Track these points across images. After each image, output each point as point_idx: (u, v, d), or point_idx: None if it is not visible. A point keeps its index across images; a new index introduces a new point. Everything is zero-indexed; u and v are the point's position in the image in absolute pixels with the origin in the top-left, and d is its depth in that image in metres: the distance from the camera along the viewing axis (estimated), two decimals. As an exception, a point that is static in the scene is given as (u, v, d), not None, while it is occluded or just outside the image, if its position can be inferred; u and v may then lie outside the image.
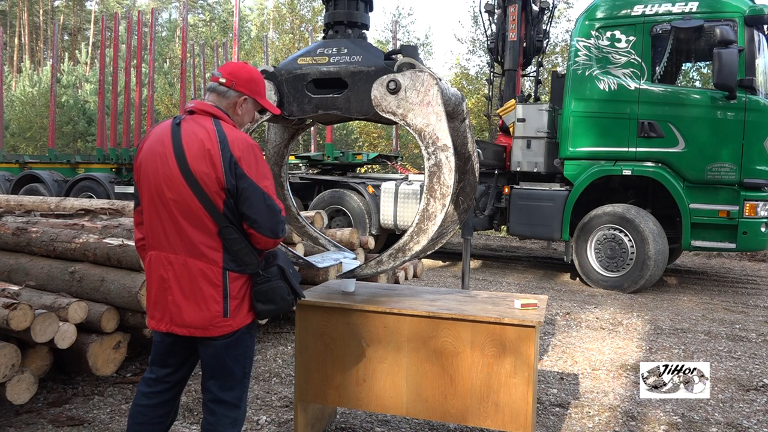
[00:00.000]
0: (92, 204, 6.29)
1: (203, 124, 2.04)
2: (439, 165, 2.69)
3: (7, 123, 21.43)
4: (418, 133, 2.71)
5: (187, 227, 2.01)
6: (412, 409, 2.73)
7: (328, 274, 4.88)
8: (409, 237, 2.78)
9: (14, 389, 2.94)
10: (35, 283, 3.72)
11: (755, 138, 6.67)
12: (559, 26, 23.09)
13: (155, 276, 2.09)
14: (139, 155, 2.14)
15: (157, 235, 2.08)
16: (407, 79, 2.71)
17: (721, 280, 8.53)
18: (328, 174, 9.93)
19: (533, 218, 7.79)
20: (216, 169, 1.96)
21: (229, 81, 2.13)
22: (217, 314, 2.03)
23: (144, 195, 2.10)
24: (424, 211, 2.74)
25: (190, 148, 1.99)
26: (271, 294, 2.09)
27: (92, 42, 34.95)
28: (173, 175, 2.00)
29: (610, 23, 7.31)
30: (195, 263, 2.02)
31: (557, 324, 5.57)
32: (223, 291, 2.03)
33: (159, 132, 2.11)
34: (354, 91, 2.82)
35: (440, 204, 2.70)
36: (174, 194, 2.01)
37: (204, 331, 2.05)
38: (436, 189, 2.70)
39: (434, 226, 2.72)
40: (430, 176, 2.70)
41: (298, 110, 2.94)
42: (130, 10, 26.58)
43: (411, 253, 2.79)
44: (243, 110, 2.19)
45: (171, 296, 2.05)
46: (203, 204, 1.99)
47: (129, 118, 12.63)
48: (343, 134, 18.85)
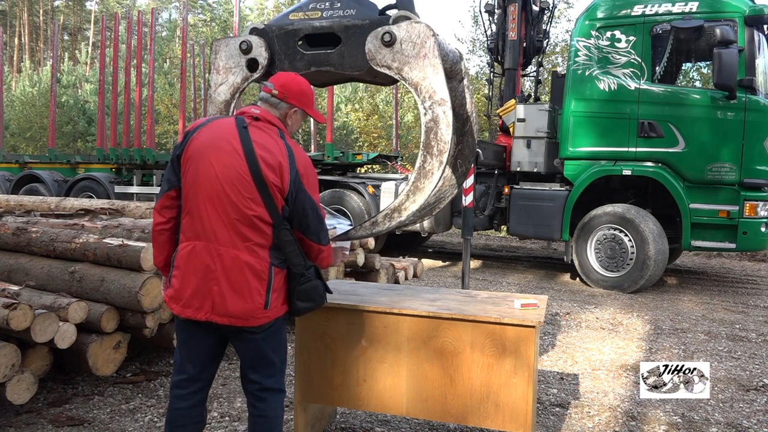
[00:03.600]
0: (92, 204, 6.29)
1: (272, 136, 2.18)
2: (436, 120, 2.59)
3: (7, 123, 21.42)
4: (414, 87, 2.62)
5: (245, 225, 2.13)
6: (412, 409, 2.73)
7: (328, 274, 4.88)
8: (405, 196, 2.68)
9: (14, 389, 2.94)
10: (35, 283, 3.72)
11: (755, 138, 6.67)
12: (559, 26, 23.12)
13: (200, 266, 2.15)
14: (192, 144, 2.18)
15: (207, 227, 2.15)
16: (403, 31, 2.63)
17: (721, 280, 8.53)
18: (328, 174, 9.92)
19: (533, 218, 7.79)
20: (283, 180, 2.13)
21: (281, 93, 2.24)
22: (259, 305, 2.15)
23: (198, 185, 2.15)
24: (420, 169, 2.64)
25: (264, 157, 2.11)
26: (312, 293, 2.26)
27: (92, 42, 34.94)
28: (242, 178, 2.11)
29: (610, 23, 7.30)
30: (246, 257, 2.13)
31: (557, 324, 5.57)
32: (267, 284, 2.16)
33: (222, 129, 2.18)
34: (348, 45, 2.73)
35: (437, 161, 2.60)
36: (238, 194, 2.11)
37: (244, 321, 2.16)
38: (433, 145, 2.60)
39: (431, 185, 2.62)
40: (427, 132, 2.61)
41: (290, 68, 2.85)
42: (130, 10, 26.57)
43: (407, 213, 2.70)
44: (293, 120, 2.31)
45: (217, 287, 2.13)
46: (267, 207, 2.13)
47: (129, 118, 12.62)
48: (343, 134, 18.86)
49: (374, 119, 19.17)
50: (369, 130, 18.66)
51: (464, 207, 5.84)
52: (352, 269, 5.39)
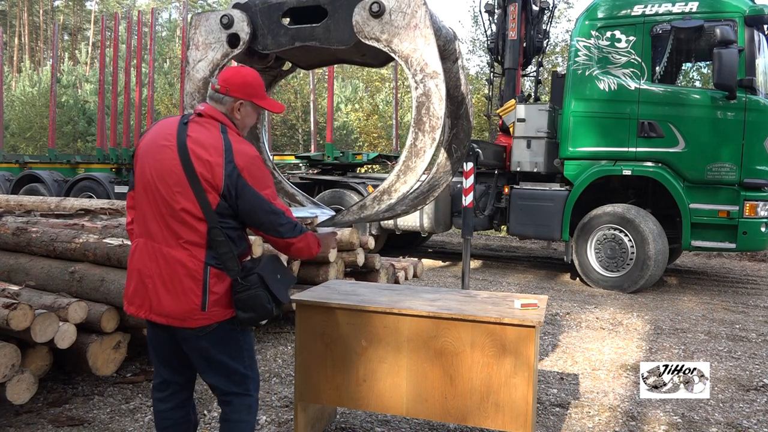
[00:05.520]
0: (92, 204, 6.29)
1: (211, 130, 2.10)
2: (428, 94, 2.45)
3: (7, 123, 21.43)
4: (404, 60, 2.49)
5: (175, 221, 2.07)
6: (412, 409, 2.73)
7: (328, 274, 4.87)
8: (395, 176, 2.55)
9: (14, 389, 2.94)
10: (35, 283, 3.72)
11: (755, 138, 6.67)
12: (559, 26, 23.12)
13: (139, 263, 2.13)
14: (141, 144, 2.20)
15: (146, 224, 2.13)
16: (392, 0, 2.49)
17: (721, 280, 8.53)
18: (328, 174, 9.93)
19: (533, 218, 7.79)
20: (215, 175, 2.03)
21: (223, 87, 2.17)
22: (195, 307, 2.06)
23: (139, 184, 2.16)
24: (412, 147, 2.51)
25: (195, 150, 2.04)
26: (250, 302, 2.10)
27: (92, 42, 34.93)
28: (173, 171, 2.05)
29: (610, 23, 7.30)
30: (178, 255, 2.07)
31: (557, 324, 5.57)
32: (202, 285, 2.06)
33: (164, 127, 2.17)
34: (334, 18, 2.60)
35: (429, 138, 2.46)
36: (169, 189, 2.06)
37: (181, 322, 2.09)
38: (425, 121, 2.46)
39: (422, 163, 2.49)
40: (418, 107, 2.47)
41: (273, 43, 2.74)
42: (130, 10, 26.57)
43: (397, 195, 2.57)
44: (242, 114, 2.21)
45: (152, 284, 2.09)
46: (199, 202, 2.04)
47: (129, 118, 12.62)
48: (343, 134, 18.86)
49: (374, 119, 19.18)
50: (369, 130, 18.67)
51: (464, 207, 5.84)
52: (352, 269, 5.39)
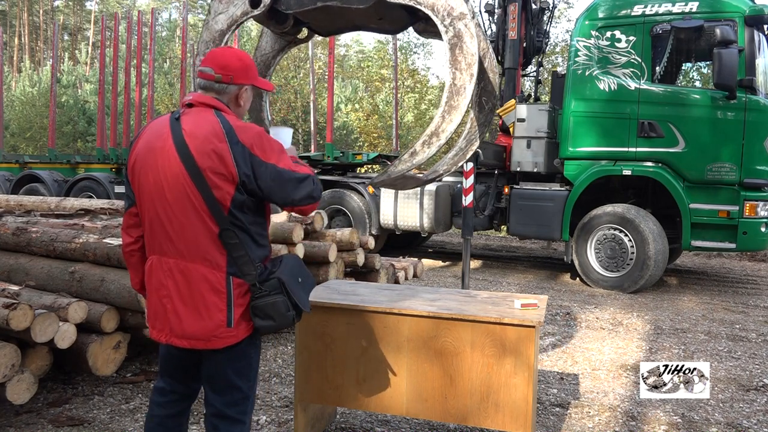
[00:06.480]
0: (92, 204, 6.30)
1: (206, 117, 1.90)
2: (459, 35, 2.51)
3: (7, 123, 21.42)
4: (430, 8, 2.54)
5: (189, 229, 1.88)
6: (412, 409, 2.73)
7: (328, 274, 4.88)
8: (441, 118, 2.58)
9: (14, 389, 2.93)
10: (35, 283, 3.72)
11: (755, 138, 6.67)
12: (559, 26, 23.13)
13: (156, 283, 1.96)
14: (134, 152, 1.99)
15: (158, 239, 1.94)
16: None
17: (721, 280, 8.53)
18: (328, 174, 9.92)
19: (533, 218, 7.78)
20: (226, 164, 1.84)
21: (225, 76, 1.97)
22: (221, 324, 1.89)
23: (143, 196, 1.95)
24: (452, 87, 2.56)
25: (195, 143, 1.85)
26: (268, 310, 1.92)
27: (92, 42, 34.92)
28: (176, 173, 1.87)
29: (610, 23, 7.30)
30: (197, 268, 1.89)
31: (557, 324, 5.57)
32: (227, 298, 1.89)
33: (156, 127, 1.97)
34: None
35: (468, 74, 2.51)
36: (175, 193, 1.87)
37: (206, 343, 1.91)
38: (461, 60, 2.51)
39: (465, 100, 2.55)
40: (452, 49, 2.53)
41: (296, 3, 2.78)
42: (130, 10, 26.56)
43: (444, 135, 2.60)
44: (245, 99, 2.06)
45: (171, 304, 1.91)
46: (207, 203, 1.86)
47: (129, 118, 12.63)
48: (343, 134, 18.87)
49: (374, 119, 19.17)
50: (369, 130, 18.66)
51: (464, 207, 5.83)
52: (352, 269, 5.39)
